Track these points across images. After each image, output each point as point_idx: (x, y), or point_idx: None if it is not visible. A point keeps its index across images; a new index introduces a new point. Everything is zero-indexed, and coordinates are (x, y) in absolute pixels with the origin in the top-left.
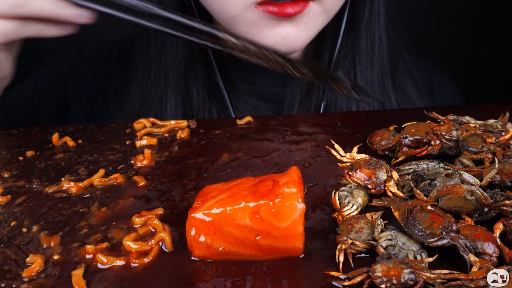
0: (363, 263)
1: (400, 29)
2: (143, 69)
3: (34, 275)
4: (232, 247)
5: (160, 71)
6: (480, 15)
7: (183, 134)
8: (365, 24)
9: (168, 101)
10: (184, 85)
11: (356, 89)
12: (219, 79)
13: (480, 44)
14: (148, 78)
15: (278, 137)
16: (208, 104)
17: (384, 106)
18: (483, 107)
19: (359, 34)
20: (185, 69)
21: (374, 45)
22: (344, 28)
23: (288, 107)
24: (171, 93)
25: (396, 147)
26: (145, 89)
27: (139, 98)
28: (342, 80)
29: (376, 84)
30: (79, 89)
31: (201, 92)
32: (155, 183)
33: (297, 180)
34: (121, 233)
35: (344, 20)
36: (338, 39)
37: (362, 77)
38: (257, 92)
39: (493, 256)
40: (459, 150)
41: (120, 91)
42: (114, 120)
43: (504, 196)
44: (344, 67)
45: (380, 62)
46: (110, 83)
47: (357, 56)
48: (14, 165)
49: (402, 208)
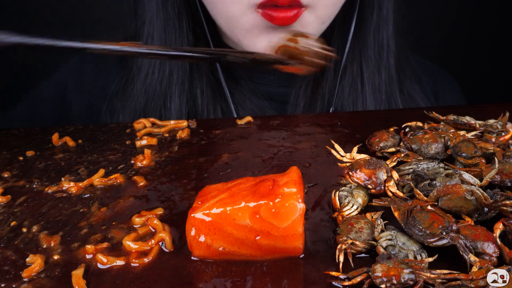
0: (363, 263)
1: (407, 33)
2: (147, 67)
3: (34, 275)
4: (232, 247)
5: (164, 68)
6: (480, 15)
7: (183, 134)
8: (373, 30)
9: (172, 99)
10: (189, 83)
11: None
12: (222, 78)
13: (480, 44)
14: (152, 76)
15: (278, 137)
16: (212, 102)
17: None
18: (483, 107)
19: (366, 40)
20: (189, 67)
21: (382, 51)
22: (351, 34)
23: (292, 107)
24: (176, 91)
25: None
26: (149, 86)
27: (143, 96)
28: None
29: (384, 90)
30: (82, 88)
31: (206, 91)
32: (155, 183)
33: (297, 180)
34: (121, 233)
35: (352, 25)
36: (346, 45)
37: (369, 83)
38: (261, 92)
39: (493, 256)
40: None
41: (125, 89)
42: (119, 118)
43: (504, 196)
44: (351, 73)
45: (388, 68)
46: (115, 81)
47: (364, 62)
48: (14, 165)
49: (402, 208)
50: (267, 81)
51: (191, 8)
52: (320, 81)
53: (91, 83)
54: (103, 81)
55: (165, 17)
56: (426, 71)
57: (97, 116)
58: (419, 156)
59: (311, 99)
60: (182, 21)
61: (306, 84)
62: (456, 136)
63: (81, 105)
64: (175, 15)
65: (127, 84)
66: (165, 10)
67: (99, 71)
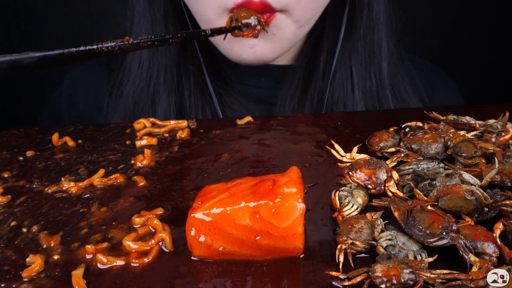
0: (363, 263)
1: (402, 33)
2: (136, 68)
3: (34, 275)
4: (232, 247)
5: (152, 69)
6: (480, 15)
7: (183, 134)
8: (363, 33)
9: (160, 100)
10: (176, 84)
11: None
12: (207, 78)
13: (480, 44)
14: (140, 77)
15: (278, 137)
16: (201, 103)
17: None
18: (483, 107)
19: (356, 43)
20: (176, 68)
21: (373, 54)
22: (341, 38)
23: (280, 109)
24: (164, 91)
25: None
26: (137, 87)
27: (132, 96)
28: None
29: (375, 93)
30: (72, 91)
31: (193, 92)
32: (155, 183)
33: (297, 180)
34: (121, 233)
35: (342, 29)
36: (336, 49)
37: (359, 87)
38: (250, 94)
39: (493, 256)
40: (446, 154)
41: (115, 89)
42: (109, 120)
43: (504, 196)
44: (341, 77)
45: (379, 72)
46: (104, 84)
47: (354, 66)
48: (14, 165)
49: (402, 208)
50: (256, 83)
51: (177, 10)
52: (309, 84)
53: (81, 86)
54: (92, 84)
55: (152, 19)
56: (423, 71)
57: (89, 120)
58: (419, 156)
59: (300, 102)
60: (168, 22)
61: (295, 87)
62: (456, 136)
63: (73, 109)
64: (161, 17)
65: (116, 86)
66: (152, 12)
67: (88, 75)
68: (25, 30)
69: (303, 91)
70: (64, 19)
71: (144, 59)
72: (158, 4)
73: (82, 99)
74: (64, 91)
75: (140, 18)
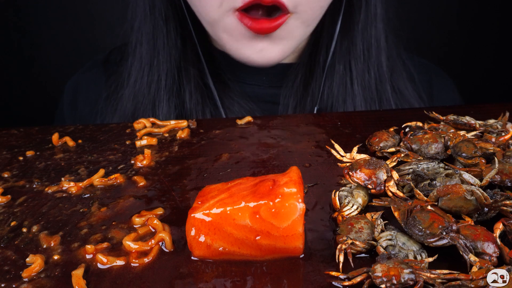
0: (363, 263)
1: (400, 30)
2: (136, 72)
3: (34, 275)
4: (232, 247)
5: (153, 73)
6: (480, 15)
7: (183, 134)
8: (361, 28)
9: (161, 103)
10: (177, 87)
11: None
12: (210, 81)
13: (480, 44)
14: (141, 81)
15: (278, 137)
16: (201, 106)
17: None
18: (483, 107)
19: (355, 38)
20: (177, 71)
21: (371, 49)
22: (338, 33)
23: (282, 108)
24: (164, 95)
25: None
26: (138, 91)
27: (132, 100)
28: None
29: (374, 89)
30: (72, 94)
31: (194, 94)
32: (155, 183)
33: (297, 180)
34: (121, 233)
35: (338, 24)
36: (332, 43)
37: (358, 82)
38: (250, 94)
39: (493, 256)
40: (446, 154)
41: (114, 94)
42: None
43: (504, 196)
44: (339, 72)
45: (378, 66)
46: (104, 87)
47: (353, 61)
48: (14, 165)
49: (402, 208)
50: (258, 82)
51: (178, 13)
52: (310, 80)
53: (81, 90)
54: (92, 88)
55: (153, 23)
56: (422, 69)
57: (86, 123)
58: (419, 156)
59: (301, 99)
60: (170, 26)
61: (298, 84)
62: (456, 136)
63: (73, 112)
64: (163, 21)
65: (116, 90)
66: (153, 16)
67: (88, 78)
68: (25, 30)
69: (305, 87)
70: (64, 20)
71: (145, 63)
72: (159, 8)
73: (82, 104)
74: (66, 98)
75: (140, 22)
